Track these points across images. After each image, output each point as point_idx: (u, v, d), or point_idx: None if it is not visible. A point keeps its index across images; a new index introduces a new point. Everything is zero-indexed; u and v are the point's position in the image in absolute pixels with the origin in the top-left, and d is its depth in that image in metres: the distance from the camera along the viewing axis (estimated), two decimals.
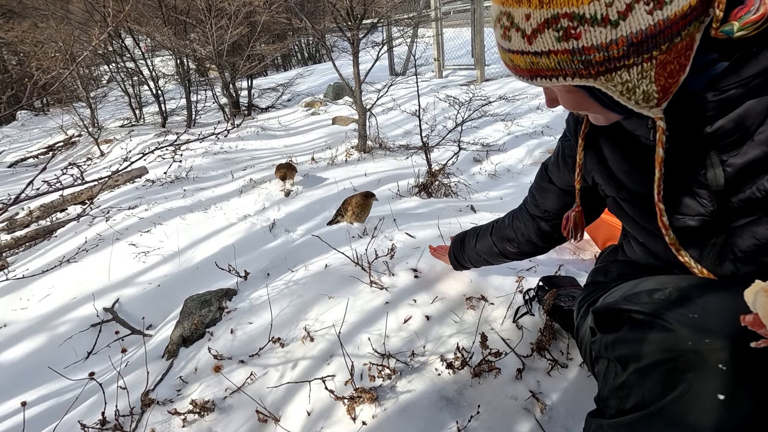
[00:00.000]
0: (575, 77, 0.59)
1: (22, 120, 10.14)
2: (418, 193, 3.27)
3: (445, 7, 7.64)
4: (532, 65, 0.60)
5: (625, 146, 0.78)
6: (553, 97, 0.71)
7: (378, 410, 1.12)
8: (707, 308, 0.61)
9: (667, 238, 0.72)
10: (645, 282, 0.73)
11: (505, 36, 0.61)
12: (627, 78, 0.58)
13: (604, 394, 0.70)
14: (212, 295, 1.79)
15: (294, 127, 6.04)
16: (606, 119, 0.71)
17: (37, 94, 6.40)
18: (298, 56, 13.41)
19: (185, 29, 6.44)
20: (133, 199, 3.67)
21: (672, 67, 0.58)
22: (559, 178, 1.01)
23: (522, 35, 0.58)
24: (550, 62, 0.58)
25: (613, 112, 0.67)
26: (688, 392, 0.57)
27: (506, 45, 0.62)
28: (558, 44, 0.56)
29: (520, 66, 0.62)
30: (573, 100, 0.67)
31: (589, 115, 0.73)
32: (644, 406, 0.62)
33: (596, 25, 0.54)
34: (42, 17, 7.46)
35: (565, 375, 1.15)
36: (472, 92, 5.57)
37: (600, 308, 0.75)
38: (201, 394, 1.34)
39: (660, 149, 0.67)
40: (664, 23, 0.53)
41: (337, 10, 4.17)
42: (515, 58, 0.62)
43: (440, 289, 1.48)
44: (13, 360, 2.21)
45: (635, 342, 0.64)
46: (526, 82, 0.64)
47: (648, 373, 0.61)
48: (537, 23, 0.56)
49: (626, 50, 0.55)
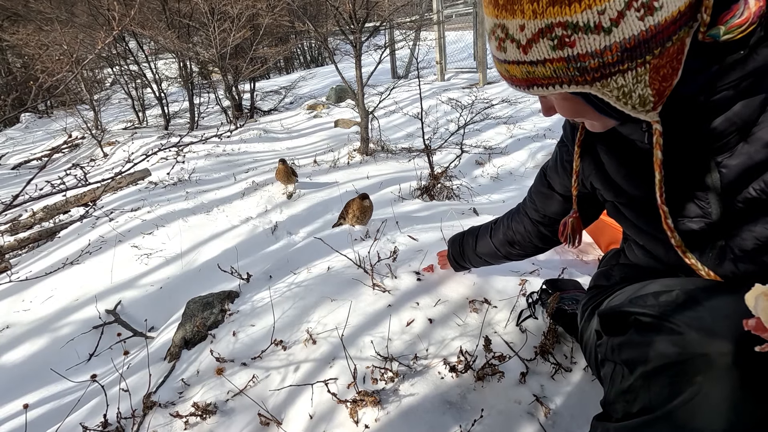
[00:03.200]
0: (571, 84, 0.60)
1: (26, 122, 10.19)
2: (421, 196, 3.27)
3: (448, 11, 7.66)
4: (529, 74, 0.61)
5: (622, 151, 0.79)
6: (549, 106, 0.72)
7: (381, 414, 1.12)
8: (715, 311, 0.60)
9: (673, 241, 0.72)
10: (650, 285, 0.73)
11: (501, 47, 0.62)
12: (622, 83, 0.59)
13: (611, 398, 0.70)
14: (214, 298, 1.79)
15: (296, 130, 6.05)
16: (602, 125, 0.71)
17: (42, 96, 6.45)
18: (301, 59, 13.46)
19: (188, 32, 6.47)
20: (135, 201, 3.68)
21: (665, 71, 0.59)
22: (559, 184, 1.01)
23: (517, 46, 0.59)
24: (546, 71, 0.59)
25: (609, 118, 0.68)
26: (696, 396, 0.57)
27: (502, 56, 0.63)
28: (553, 53, 0.57)
29: (517, 76, 0.63)
30: (570, 108, 0.68)
31: (585, 122, 0.73)
32: (651, 410, 0.61)
33: (590, 33, 0.55)
34: (47, 20, 7.51)
35: (569, 379, 1.15)
36: (475, 95, 5.57)
37: (606, 311, 0.75)
38: (203, 397, 1.33)
39: (658, 152, 0.67)
40: (656, 28, 0.55)
41: (340, 14, 4.19)
42: (511, 68, 0.63)
43: (443, 291, 1.48)
44: (15, 362, 2.21)
45: (642, 345, 0.63)
46: (523, 91, 0.65)
47: (655, 376, 0.61)
48: (531, 33, 0.57)
49: (620, 56, 0.56)
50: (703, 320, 0.59)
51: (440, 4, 7.05)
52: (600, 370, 0.77)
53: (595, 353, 0.86)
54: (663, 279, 0.74)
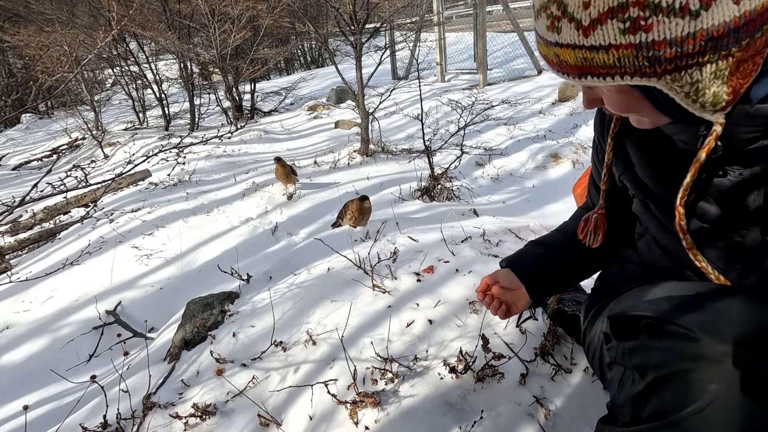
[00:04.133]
0: (635, 76, 0.52)
1: (27, 123, 10.21)
2: (421, 197, 3.27)
3: (448, 12, 7.67)
4: (584, 61, 0.53)
5: (654, 148, 0.73)
6: (594, 98, 0.63)
7: (381, 415, 1.12)
8: (731, 317, 0.57)
9: (684, 243, 0.69)
10: (660, 287, 0.70)
11: (553, 27, 0.54)
12: (698, 78, 0.51)
13: (619, 402, 0.67)
14: (214, 298, 1.79)
15: (297, 131, 6.05)
16: (653, 122, 0.64)
17: (42, 97, 6.45)
18: (301, 60, 13.48)
19: (189, 33, 6.48)
20: (136, 201, 3.68)
21: (746, 67, 0.51)
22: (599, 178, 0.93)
23: (576, 27, 0.51)
24: (609, 58, 0.51)
25: (665, 116, 0.60)
26: (711, 405, 0.54)
27: (553, 38, 0.55)
28: (622, 37, 0.49)
29: (568, 62, 0.55)
30: (623, 102, 0.59)
31: (633, 117, 0.65)
32: (663, 416, 0.59)
33: (672, 16, 0.47)
34: (47, 21, 7.53)
35: (569, 380, 1.14)
36: (475, 96, 5.58)
37: (617, 314, 0.72)
38: (203, 398, 1.33)
39: (703, 154, 0.61)
40: (750, 15, 0.46)
41: (340, 15, 4.19)
42: (563, 53, 0.54)
43: (443, 292, 1.48)
44: (15, 362, 2.21)
45: (655, 350, 0.61)
46: (571, 80, 0.57)
47: (668, 382, 0.59)
48: (598, 12, 0.49)
49: (703, 45, 0.48)
50: (719, 326, 0.56)
51: (440, 6, 7.06)
52: (606, 372, 0.74)
53: (600, 355, 0.85)
54: (674, 282, 0.71)
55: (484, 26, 6.50)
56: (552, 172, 3.63)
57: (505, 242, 1.86)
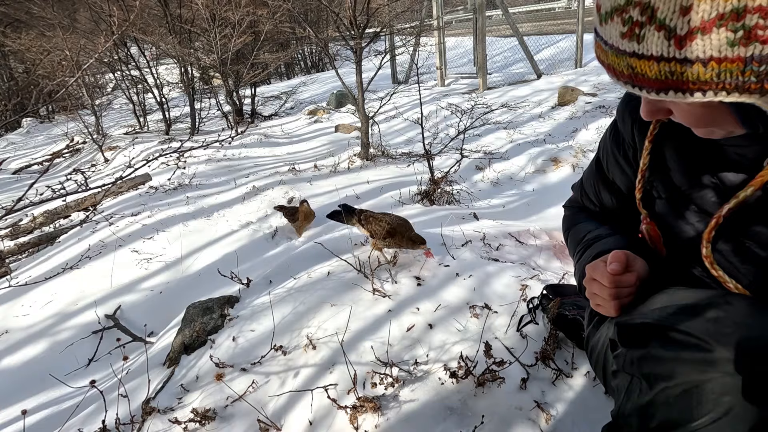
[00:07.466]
0: (734, 92, 0.44)
1: (28, 127, 10.23)
2: (421, 201, 3.27)
3: (448, 17, 7.71)
4: (671, 75, 0.45)
5: (696, 154, 0.68)
6: (660, 108, 0.55)
7: (381, 420, 1.11)
8: (747, 328, 0.55)
9: (704, 250, 0.67)
10: (670, 294, 0.68)
11: (632, 35, 0.46)
12: None
13: (626, 411, 0.66)
14: (214, 302, 1.78)
15: (297, 135, 6.06)
16: (727, 134, 0.57)
17: (43, 101, 6.47)
18: (302, 65, 13.53)
19: (190, 38, 6.50)
20: (136, 205, 3.68)
21: None
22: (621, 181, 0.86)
23: (668, 36, 0.43)
24: (706, 73, 0.44)
25: (747, 128, 0.54)
26: (724, 416, 0.53)
27: (629, 47, 0.46)
28: (729, 49, 0.42)
29: (647, 75, 0.46)
30: (706, 117, 0.52)
31: (702, 129, 0.57)
32: (672, 427, 0.58)
33: None
34: (49, 26, 7.56)
35: (570, 385, 1.14)
36: (474, 100, 5.59)
37: (625, 322, 0.69)
38: (202, 403, 1.33)
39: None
40: None
41: (341, 20, 4.21)
42: (642, 64, 0.46)
43: (443, 296, 1.47)
44: (14, 367, 2.20)
45: (666, 360, 0.59)
46: (645, 94, 0.49)
47: (679, 393, 0.57)
48: (702, 20, 0.42)
49: None
50: (733, 337, 0.54)
51: (440, 10, 7.10)
52: (611, 380, 0.73)
53: (604, 361, 0.84)
54: (685, 289, 0.68)
55: (484, 31, 6.53)
56: (552, 176, 3.63)
57: (505, 246, 1.86)
